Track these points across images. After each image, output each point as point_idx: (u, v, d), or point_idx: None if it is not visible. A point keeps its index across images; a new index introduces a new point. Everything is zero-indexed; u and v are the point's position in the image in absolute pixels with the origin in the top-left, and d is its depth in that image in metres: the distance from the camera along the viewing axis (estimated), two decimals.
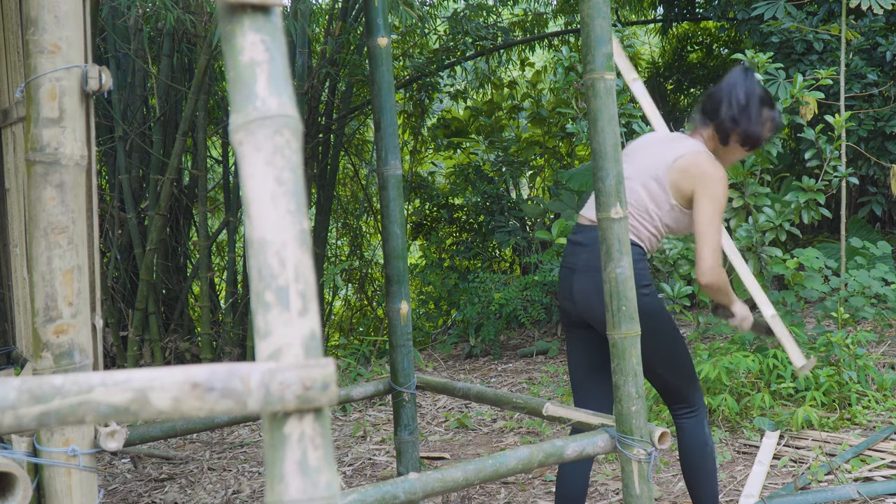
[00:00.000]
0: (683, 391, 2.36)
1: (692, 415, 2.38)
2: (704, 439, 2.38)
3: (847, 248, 4.79)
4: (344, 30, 5.73)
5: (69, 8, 1.39)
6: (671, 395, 2.37)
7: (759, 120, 2.32)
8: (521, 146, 7.47)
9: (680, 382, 2.35)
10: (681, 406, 2.38)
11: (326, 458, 0.73)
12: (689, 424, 2.38)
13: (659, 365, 2.31)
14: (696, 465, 2.38)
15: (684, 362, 2.34)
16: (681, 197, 2.25)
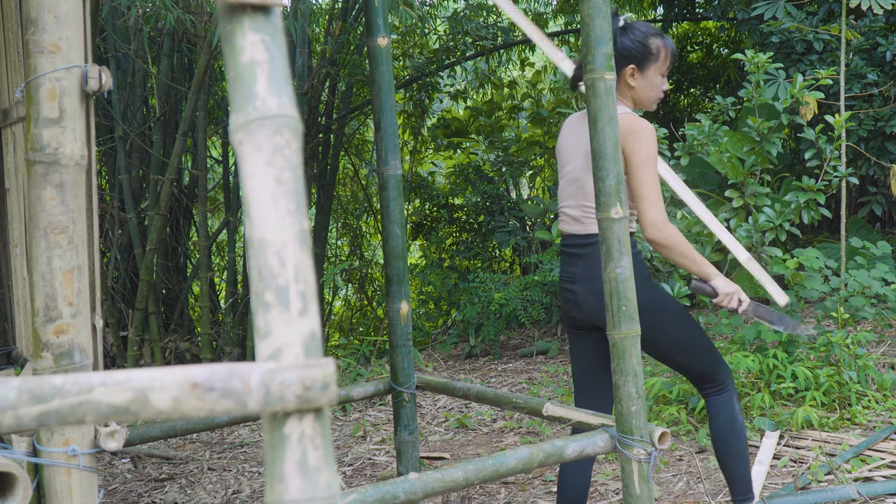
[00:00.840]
0: (708, 371, 2.37)
1: (719, 392, 2.39)
2: (733, 416, 2.38)
3: (847, 248, 4.79)
4: (344, 30, 5.73)
5: (69, 8, 1.39)
6: (697, 378, 2.39)
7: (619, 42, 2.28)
8: (521, 146, 7.47)
9: (702, 365, 2.36)
10: (708, 385, 2.39)
11: (326, 458, 0.73)
12: (717, 402, 2.39)
13: (677, 354, 2.34)
14: (724, 443, 2.39)
15: (702, 344, 2.35)
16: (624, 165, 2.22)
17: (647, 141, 2.20)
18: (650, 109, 2.41)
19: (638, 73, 2.32)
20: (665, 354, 2.35)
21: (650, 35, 2.31)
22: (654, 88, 2.35)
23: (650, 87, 2.35)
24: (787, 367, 3.79)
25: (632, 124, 2.21)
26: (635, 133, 2.20)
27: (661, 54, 2.32)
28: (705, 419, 3.78)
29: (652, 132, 2.23)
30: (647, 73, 2.33)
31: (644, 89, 2.34)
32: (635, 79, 2.32)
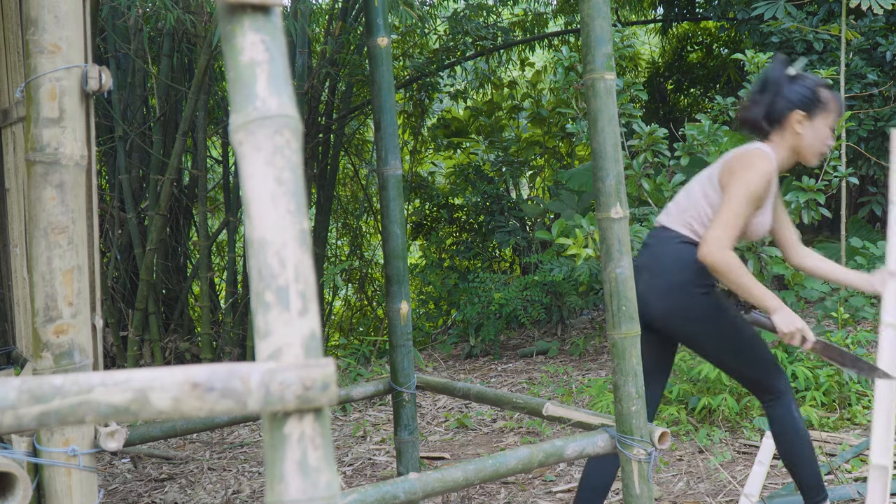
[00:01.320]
0: (763, 380, 2.38)
1: (777, 401, 2.40)
2: (794, 423, 2.39)
3: (847, 248, 4.79)
4: (344, 30, 5.73)
5: (69, 8, 1.39)
6: (752, 386, 2.41)
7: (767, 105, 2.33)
8: (521, 146, 7.47)
9: (756, 373, 2.38)
10: (765, 394, 2.41)
11: (326, 458, 0.73)
12: (777, 412, 2.40)
13: (730, 360, 2.37)
14: (791, 451, 2.40)
15: (755, 351, 2.37)
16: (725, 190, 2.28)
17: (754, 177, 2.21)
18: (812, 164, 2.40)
19: (807, 120, 2.33)
20: (722, 361, 2.39)
21: (820, 86, 2.35)
22: (820, 140, 2.36)
23: (816, 137, 2.36)
24: (787, 367, 3.79)
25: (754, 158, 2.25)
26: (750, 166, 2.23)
27: (830, 105, 2.35)
28: (705, 419, 3.78)
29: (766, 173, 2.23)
30: (816, 122, 2.34)
31: (810, 138, 2.35)
32: (803, 125, 2.33)
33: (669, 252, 2.32)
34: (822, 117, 2.35)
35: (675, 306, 2.30)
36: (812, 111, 2.33)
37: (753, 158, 2.26)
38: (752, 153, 2.28)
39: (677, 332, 2.35)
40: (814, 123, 2.34)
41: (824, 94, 2.34)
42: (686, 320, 2.30)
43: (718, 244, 2.17)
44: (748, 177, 2.22)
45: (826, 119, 2.35)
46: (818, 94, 2.34)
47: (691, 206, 2.34)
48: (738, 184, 2.22)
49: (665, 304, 2.30)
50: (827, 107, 2.34)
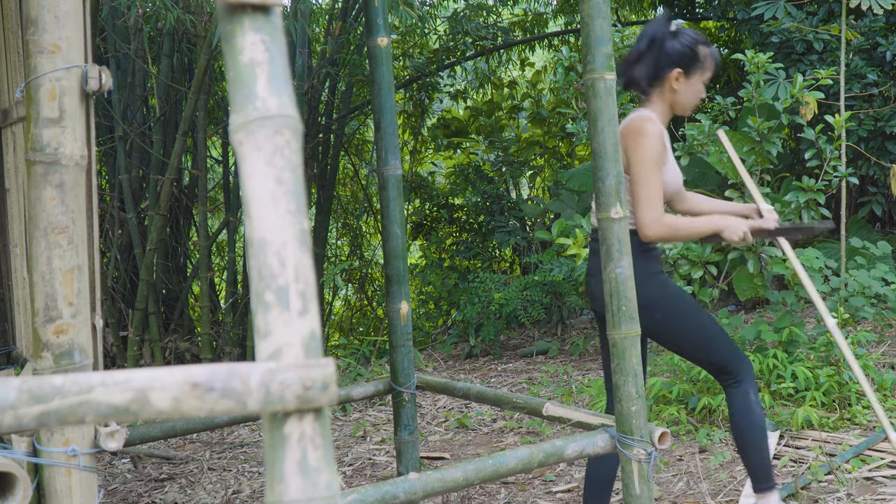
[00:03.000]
0: (724, 364, 2.40)
1: (736, 384, 2.41)
2: (749, 407, 2.41)
3: (847, 248, 4.79)
4: (344, 30, 5.73)
5: (69, 8, 1.39)
6: (713, 370, 2.43)
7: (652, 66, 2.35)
8: (521, 146, 7.47)
9: (716, 356, 2.39)
10: (725, 377, 2.42)
11: (326, 458, 0.73)
12: (734, 393, 2.42)
13: (691, 346, 2.39)
14: (742, 435, 2.42)
15: (716, 336, 2.38)
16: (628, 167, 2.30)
17: (647, 143, 2.25)
18: (686, 115, 2.47)
19: (684, 77, 2.38)
20: (680, 347, 2.41)
21: (699, 42, 2.38)
22: (696, 95, 2.42)
23: (692, 93, 2.41)
24: (787, 367, 3.79)
25: (639, 125, 2.27)
26: (639, 134, 2.25)
27: (706, 62, 2.40)
28: (705, 419, 3.78)
29: (656, 136, 2.27)
30: (692, 80, 2.39)
31: (686, 94, 2.41)
32: (680, 83, 2.38)
33: None
34: (698, 74, 2.40)
35: None
36: (690, 69, 2.38)
37: (640, 126, 2.27)
38: (637, 122, 2.29)
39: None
40: (690, 81, 2.39)
41: (702, 51, 2.38)
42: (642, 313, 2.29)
43: (653, 220, 2.23)
44: (642, 147, 2.24)
45: (702, 76, 2.41)
46: (696, 52, 2.37)
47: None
48: (638, 157, 2.24)
49: None
50: (704, 64, 2.39)
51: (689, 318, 2.36)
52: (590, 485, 2.48)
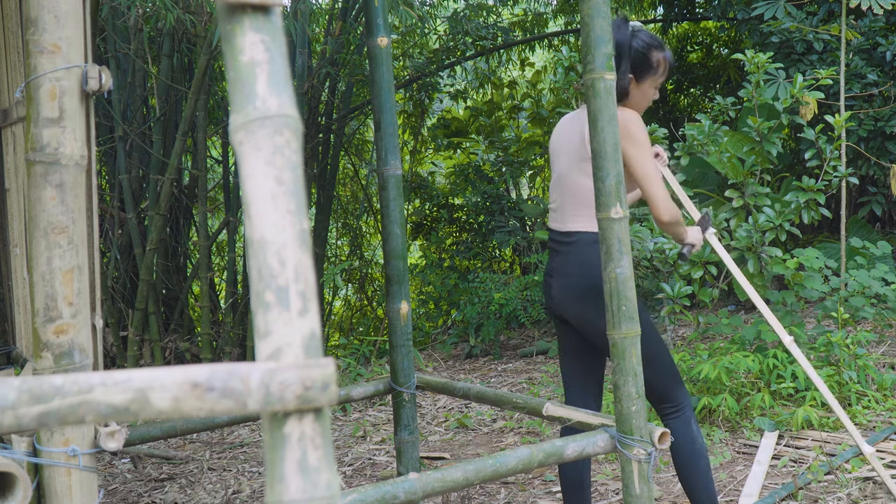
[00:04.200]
0: (667, 390, 2.36)
1: (677, 414, 2.38)
2: (692, 437, 2.38)
3: (847, 248, 4.79)
4: (344, 30, 5.73)
5: (69, 8, 1.39)
6: (655, 395, 2.38)
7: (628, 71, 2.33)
8: (521, 146, 7.47)
9: (663, 381, 2.35)
10: (666, 405, 2.39)
11: (326, 458, 0.73)
12: (675, 424, 2.38)
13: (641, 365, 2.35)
14: (686, 464, 2.38)
15: (665, 361, 2.36)
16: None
17: (639, 129, 2.25)
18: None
19: (635, 83, 2.37)
20: None
21: (653, 47, 2.35)
22: (646, 99, 2.41)
23: (643, 98, 2.40)
24: (787, 367, 3.79)
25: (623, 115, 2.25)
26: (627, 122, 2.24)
27: (660, 68, 2.37)
28: (704, 419, 3.78)
29: (638, 117, 2.28)
30: (643, 85, 2.38)
31: (636, 98, 2.39)
32: (631, 87, 2.36)
33: (579, 253, 2.32)
34: (650, 80, 2.37)
35: (589, 307, 2.29)
36: (641, 75, 2.36)
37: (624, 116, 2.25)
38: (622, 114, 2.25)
39: (591, 330, 2.33)
40: (641, 86, 2.37)
41: (655, 57, 2.35)
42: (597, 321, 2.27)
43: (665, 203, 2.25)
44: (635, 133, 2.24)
45: (654, 81, 2.38)
46: (649, 58, 2.34)
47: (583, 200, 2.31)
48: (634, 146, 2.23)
49: (580, 304, 2.31)
50: (657, 70, 2.36)
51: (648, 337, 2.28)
52: (564, 486, 2.49)
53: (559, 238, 2.39)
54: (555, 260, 2.41)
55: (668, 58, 2.38)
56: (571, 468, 2.46)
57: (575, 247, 2.33)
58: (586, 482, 2.49)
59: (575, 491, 2.47)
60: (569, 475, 2.47)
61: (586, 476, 2.48)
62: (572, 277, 2.32)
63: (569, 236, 2.34)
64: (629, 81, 2.33)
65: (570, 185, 2.33)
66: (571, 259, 2.33)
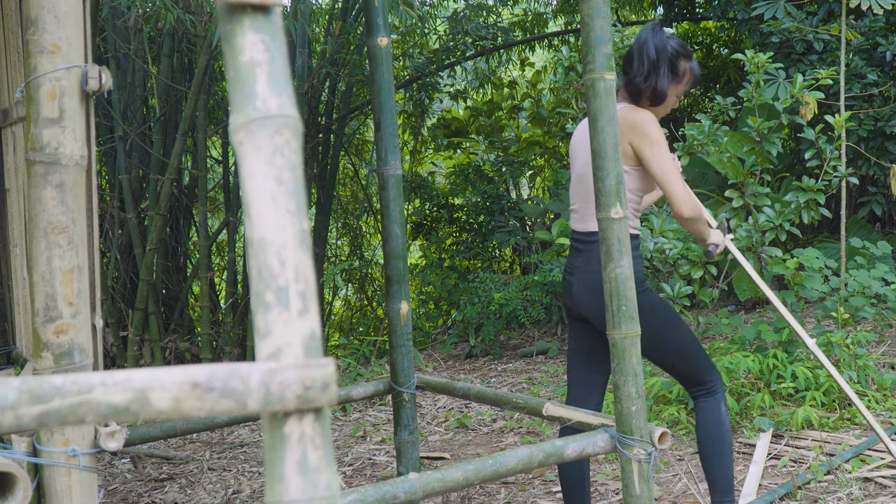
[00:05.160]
0: (699, 374, 2.40)
1: (708, 394, 2.42)
2: (720, 418, 2.40)
3: (847, 248, 4.79)
4: (344, 30, 5.73)
5: (69, 8, 1.39)
6: (688, 380, 2.42)
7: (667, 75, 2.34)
8: (521, 146, 7.47)
9: (694, 367, 2.39)
10: (698, 388, 2.43)
11: (326, 458, 0.73)
12: (705, 403, 2.42)
13: (667, 356, 2.39)
14: (709, 444, 2.41)
15: (694, 347, 2.39)
16: (627, 158, 2.30)
17: (655, 127, 2.26)
18: None
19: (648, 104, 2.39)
20: (660, 356, 2.41)
21: (681, 55, 2.37)
22: (668, 107, 2.43)
23: (664, 106, 2.41)
24: (787, 367, 3.79)
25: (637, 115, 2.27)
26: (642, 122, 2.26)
27: (685, 77, 2.40)
28: None
29: (653, 117, 2.29)
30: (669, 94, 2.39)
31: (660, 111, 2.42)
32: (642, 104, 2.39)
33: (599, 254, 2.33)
34: (674, 87, 2.39)
35: None
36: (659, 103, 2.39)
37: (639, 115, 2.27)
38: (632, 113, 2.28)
39: None
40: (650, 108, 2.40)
41: (682, 66, 2.37)
42: None
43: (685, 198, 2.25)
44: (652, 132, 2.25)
45: (677, 89, 2.40)
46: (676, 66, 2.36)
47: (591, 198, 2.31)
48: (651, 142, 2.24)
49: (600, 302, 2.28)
50: (682, 79, 2.39)
51: (672, 326, 2.36)
52: (564, 485, 2.50)
53: (581, 238, 2.39)
54: (576, 259, 2.40)
55: (695, 69, 2.40)
56: (571, 468, 2.46)
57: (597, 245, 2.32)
58: (586, 481, 2.49)
59: (575, 490, 2.48)
60: (569, 475, 2.48)
61: (586, 475, 2.49)
62: (595, 275, 2.31)
63: (591, 236, 2.35)
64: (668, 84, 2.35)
65: (588, 186, 2.34)
66: (594, 257, 2.33)
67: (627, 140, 2.27)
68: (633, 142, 2.26)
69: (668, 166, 2.25)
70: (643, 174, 2.33)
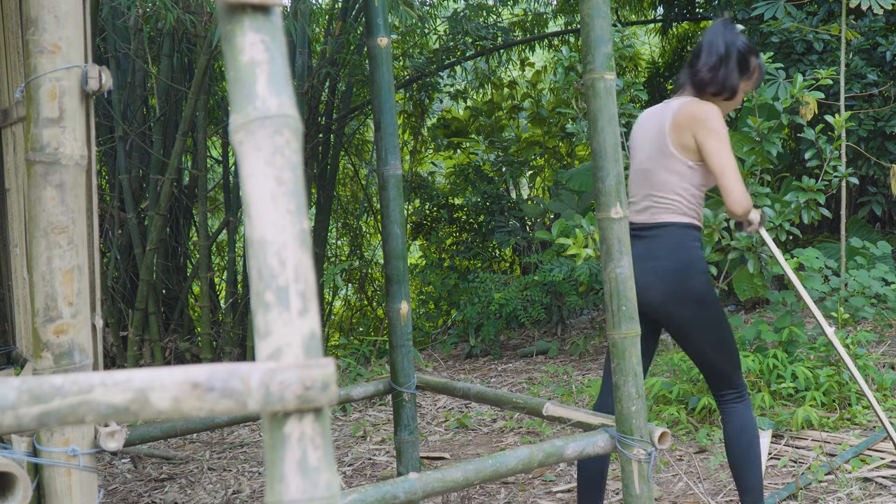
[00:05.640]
0: (732, 376, 2.40)
1: (739, 399, 2.41)
2: (751, 424, 2.40)
3: (847, 248, 4.79)
4: (344, 30, 5.73)
5: (69, 8, 1.39)
6: (719, 380, 2.40)
7: (736, 69, 2.36)
8: (521, 146, 7.47)
9: (729, 366, 2.39)
10: (728, 391, 2.41)
11: (326, 458, 0.73)
12: (738, 409, 2.40)
13: (711, 350, 2.37)
14: (743, 451, 2.39)
15: (733, 347, 2.39)
16: (692, 153, 2.30)
17: (720, 122, 2.26)
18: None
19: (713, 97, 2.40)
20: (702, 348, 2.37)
21: (752, 53, 2.39)
22: (736, 103, 2.43)
23: (734, 102, 2.42)
24: (787, 367, 3.79)
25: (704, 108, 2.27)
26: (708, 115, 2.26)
27: (755, 74, 2.42)
28: (705, 419, 3.78)
29: (717, 110, 2.29)
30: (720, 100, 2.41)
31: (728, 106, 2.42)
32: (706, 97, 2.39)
33: (671, 237, 2.33)
34: (743, 83, 2.41)
35: (677, 289, 2.30)
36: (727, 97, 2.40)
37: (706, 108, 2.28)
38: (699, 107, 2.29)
39: (674, 316, 2.34)
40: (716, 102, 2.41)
41: (753, 62, 2.39)
42: (685, 303, 2.30)
43: (741, 196, 2.25)
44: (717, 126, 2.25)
45: (745, 85, 2.43)
46: (748, 62, 2.38)
47: (671, 193, 2.33)
48: (715, 138, 2.24)
49: (667, 286, 2.30)
50: (752, 76, 2.41)
51: (722, 323, 2.37)
52: (583, 478, 2.47)
53: (643, 227, 2.38)
54: (637, 247, 2.36)
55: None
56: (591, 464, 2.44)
57: (665, 230, 2.33)
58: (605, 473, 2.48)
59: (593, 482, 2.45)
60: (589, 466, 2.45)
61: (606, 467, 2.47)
62: (663, 260, 2.30)
63: (655, 227, 2.35)
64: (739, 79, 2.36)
65: (651, 180, 2.35)
66: (662, 242, 2.32)
67: (690, 132, 2.27)
68: (696, 134, 2.26)
69: (729, 161, 2.24)
70: (706, 170, 2.32)
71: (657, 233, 2.34)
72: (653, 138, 2.36)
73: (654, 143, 2.35)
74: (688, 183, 2.32)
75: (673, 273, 2.31)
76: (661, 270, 2.31)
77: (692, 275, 2.30)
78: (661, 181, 2.33)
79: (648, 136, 2.39)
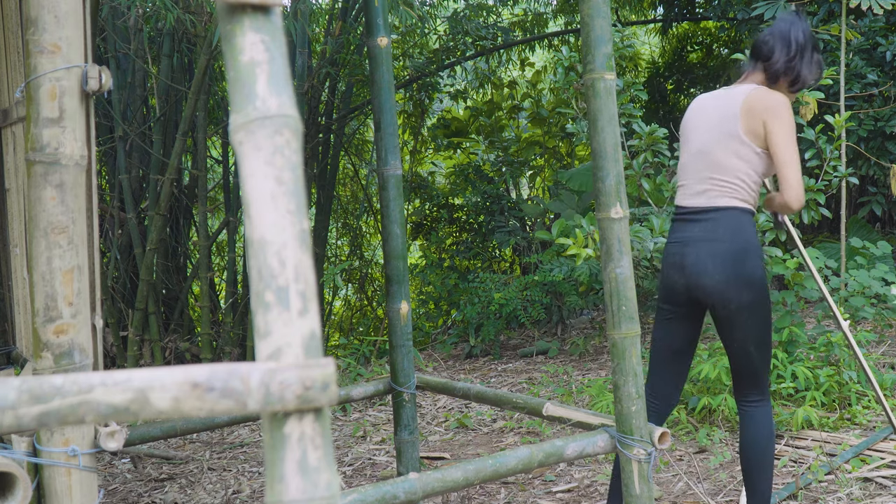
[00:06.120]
0: (762, 376, 2.38)
1: (762, 403, 2.39)
2: (771, 429, 2.39)
3: (847, 248, 4.79)
4: (344, 30, 5.73)
5: (69, 8, 1.39)
6: (749, 381, 2.38)
7: (811, 62, 2.39)
8: (521, 146, 7.47)
9: (763, 366, 2.38)
10: (754, 393, 2.39)
11: (326, 458, 0.73)
12: (761, 413, 2.39)
13: (753, 344, 2.35)
14: (759, 456, 2.38)
15: (770, 346, 2.39)
16: (760, 140, 2.30)
17: (789, 113, 2.28)
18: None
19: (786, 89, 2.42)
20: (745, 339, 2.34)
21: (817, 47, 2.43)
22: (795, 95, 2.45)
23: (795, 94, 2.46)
24: (787, 367, 3.79)
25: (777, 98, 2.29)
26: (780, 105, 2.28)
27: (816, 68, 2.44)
28: (705, 419, 3.78)
29: (788, 103, 2.31)
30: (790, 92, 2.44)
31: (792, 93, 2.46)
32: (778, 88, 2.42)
33: (728, 219, 2.32)
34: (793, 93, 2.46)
35: (737, 272, 2.28)
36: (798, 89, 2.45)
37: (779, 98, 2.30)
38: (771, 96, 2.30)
39: (729, 301, 2.30)
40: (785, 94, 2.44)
41: (817, 57, 2.43)
42: (742, 288, 2.28)
43: (799, 190, 2.25)
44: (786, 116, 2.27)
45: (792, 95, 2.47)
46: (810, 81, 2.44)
47: (733, 177, 2.33)
48: (785, 127, 2.26)
49: (726, 269, 2.28)
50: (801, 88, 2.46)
51: (769, 318, 2.36)
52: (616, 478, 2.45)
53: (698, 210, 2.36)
54: (691, 230, 2.35)
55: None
56: None
57: (725, 214, 2.32)
58: None
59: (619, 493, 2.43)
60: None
61: None
62: (719, 243, 2.29)
63: (714, 210, 2.34)
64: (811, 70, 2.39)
65: (713, 164, 2.35)
66: (721, 226, 2.31)
67: (761, 120, 2.27)
68: (767, 122, 2.26)
69: (793, 152, 2.25)
70: (770, 159, 2.32)
71: (716, 216, 2.32)
72: (716, 123, 2.36)
73: (719, 127, 2.35)
74: (752, 169, 2.32)
75: (733, 256, 2.29)
76: (721, 253, 2.29)
77: (751, 259, 2.29)
78: (726, 165, 2.32)
79: (710, 120, 2.38)
